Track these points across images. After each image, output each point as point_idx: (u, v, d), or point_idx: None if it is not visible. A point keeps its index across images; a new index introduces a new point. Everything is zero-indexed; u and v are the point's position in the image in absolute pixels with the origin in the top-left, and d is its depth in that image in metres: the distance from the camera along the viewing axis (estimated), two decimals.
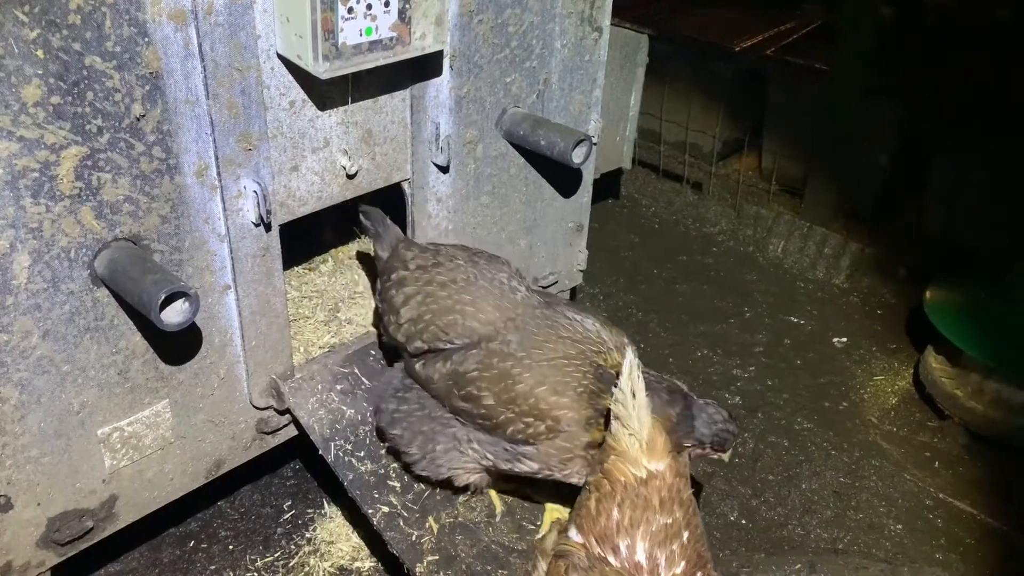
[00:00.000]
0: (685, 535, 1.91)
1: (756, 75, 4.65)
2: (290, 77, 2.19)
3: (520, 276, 2.49)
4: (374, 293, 2.62)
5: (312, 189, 2.39)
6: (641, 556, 1.87)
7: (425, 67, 2.44)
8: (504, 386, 2.24)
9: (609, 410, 2.09)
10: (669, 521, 1.90)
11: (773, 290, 4.35)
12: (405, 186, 2.68)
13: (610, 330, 2.38)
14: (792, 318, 4.14)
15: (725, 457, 2.35)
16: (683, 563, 1.87)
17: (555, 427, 2.21)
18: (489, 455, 2.34)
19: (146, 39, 1.86)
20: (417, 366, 2.39)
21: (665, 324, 4.05)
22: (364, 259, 3.18)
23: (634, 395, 1.97)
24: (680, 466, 2.03)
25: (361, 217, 2.62)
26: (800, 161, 4.63)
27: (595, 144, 2.91)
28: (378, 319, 2.57)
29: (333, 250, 3.22)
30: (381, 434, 2.50)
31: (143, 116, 1.92)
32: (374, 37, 2.10)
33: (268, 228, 2.25)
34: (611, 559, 1.87)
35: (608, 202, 5.09)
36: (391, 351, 2.66)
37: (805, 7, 5.10)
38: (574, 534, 1.97)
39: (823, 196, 4.52)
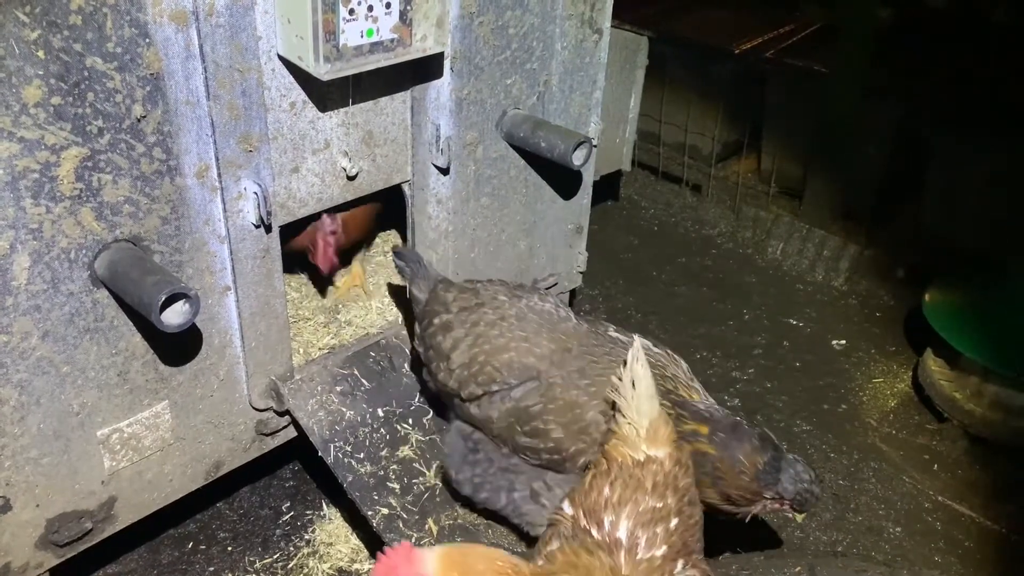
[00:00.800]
0: (673, 521, 1.93)
1: (755, 77, 4.65)
2: (291, 78, 2.19)
3: (564, 303, 2.46)
4: (411, 338, 2.56)
5: (312, 191, 2.39)
6: (623, 533, 1.89)
7: (426, 69, 2.44)
8: (572, 416, 2.22)
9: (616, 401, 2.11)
10: (659, 505, 1.93)
11: (772, 292, 4.35)
12: (405, 188, 2.68)
13: (665, 351, 2.38)
14: (791, 320, 4.14)
15: (799, 519, 2.31)
16: (664, 547, 1.89)
17: None
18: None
19: (147, 40, 1.86)
20: (472, 409, 2.34)
21: (664, 326, 4.05)
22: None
23: (633, 385, 1.99)
24: (683, 456, 2.04)
25: (394, 259, 2.58)
26: (799, 163, 4.63)
27: (595, 146, 2.91)
28: (421, 366, 2.50)
29: None
30: (470, 502, 2.44)
31: (144, 117, 1.92)
32: (375, 39, 2.10)
33: (268, 229, 2.25)
34: (594, 532, 1.91)
35: (607, 204, 5.09)
36: (436, 398, 2.60)
37: (804, 9, 5.11)
38: (566, 506, 2.01)
39: (822, 198, 4.52)
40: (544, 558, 1.93)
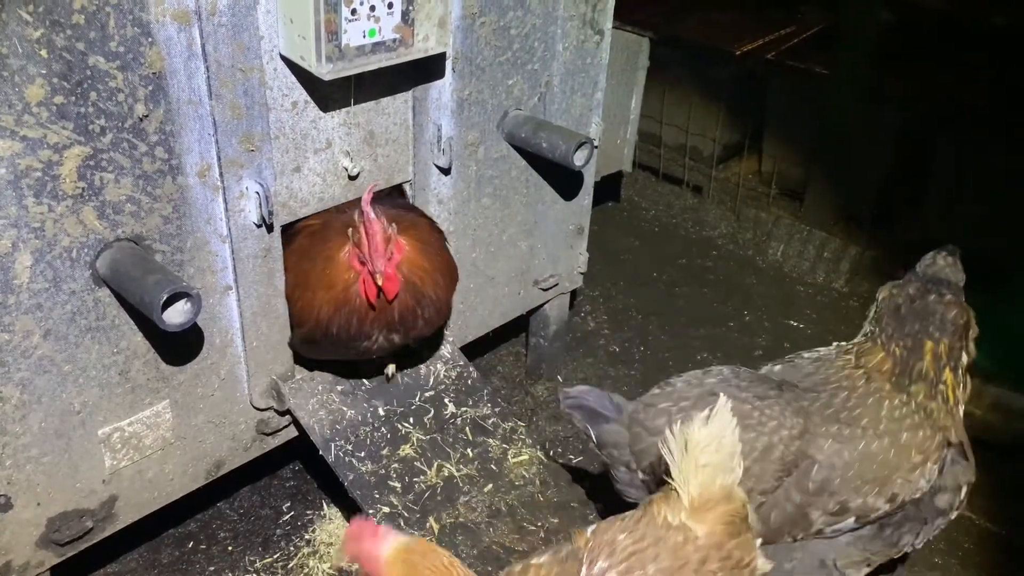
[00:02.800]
0: None
1: (756, 79, 4.66)
2: (293, 78, 2.19)
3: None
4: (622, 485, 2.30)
5: (314, 190, 2.39)
6: None
7: (428, 69, 2.44)
8: (872, 468, 2.17)
9: None
10: None
11: (773, 293, 4.35)
12: (407, 188, 2.68)
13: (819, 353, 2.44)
14: (792, 322, 4.14)
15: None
16: None
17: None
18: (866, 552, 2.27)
19: (149, 39, 1.86)
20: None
21: (665, 327, 4.05)
22: None
23: (685, 447, 1.83)
24: (732, 544, 1.84)
25: (566, 406, 2.29)
26: (800, 165, 4.63)
27: (596, 147, 2.91)
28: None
29: None
30: None
31: (146, 116, 1.92)
32: (377, 39, 2.10)
33: (270, 229, 2.25)
34: (584, 567, 1.78)
35: (608, 205, 5.09)
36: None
37: (804, 10, 5.11)
38: (590, 529, 1.89)
39: (823, 200, 4.52)
40: (521, 566, 1.84)
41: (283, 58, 2.14)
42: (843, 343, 2.48)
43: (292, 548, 2.83)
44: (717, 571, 1.80)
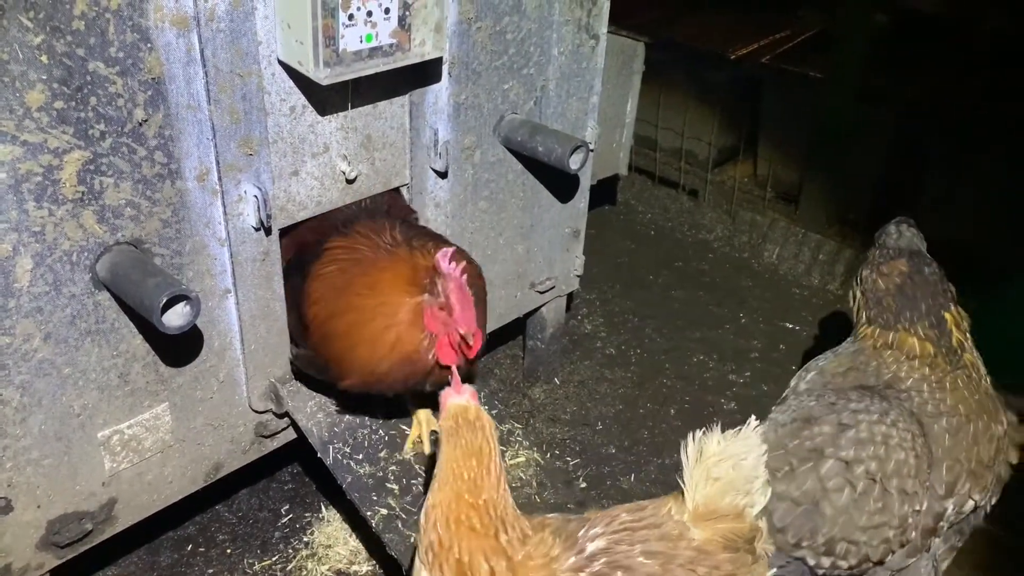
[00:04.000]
0: None
1: (752, 82, 4.68)
2: (291, 83, 2.21)
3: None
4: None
5: (312, 194, 2.41)
6: (592, 547, 1.78)
7: (424, 73, 2.46)
8: (988, 448, 2.23)
9: None
10: (646, 561, 1.78)
11: (768, 296, 4.37)
12: (404, 191, 2.70)
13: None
14: (787, 324, 4.16)
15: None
16: None
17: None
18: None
19: (149, 45, 1.88)
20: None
21: (661, 330, 4.07)
22: None
23: (699, 455, 1.84)
24: (725, 560, 1.83)
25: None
26: (795, 168, 4.66)
27: (592, 150, 2.93)
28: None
29: None
30: None
31: (145, 121, 1.94)
32: (374, 44, 2.12)
33: (268, 232, 2.27)
34: (582, 529, 1.81)
35: (605, 208, 5.11)
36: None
37: (800, 14, 5.14)
38: (608, 508, 1.93)
39: (818, 202, 4.55)
40: (528, 521, 1.85)
41: (281, 63, 2.15)
42: (864, 336, 2.48)
43: (290, 551, 2.84)
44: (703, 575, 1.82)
